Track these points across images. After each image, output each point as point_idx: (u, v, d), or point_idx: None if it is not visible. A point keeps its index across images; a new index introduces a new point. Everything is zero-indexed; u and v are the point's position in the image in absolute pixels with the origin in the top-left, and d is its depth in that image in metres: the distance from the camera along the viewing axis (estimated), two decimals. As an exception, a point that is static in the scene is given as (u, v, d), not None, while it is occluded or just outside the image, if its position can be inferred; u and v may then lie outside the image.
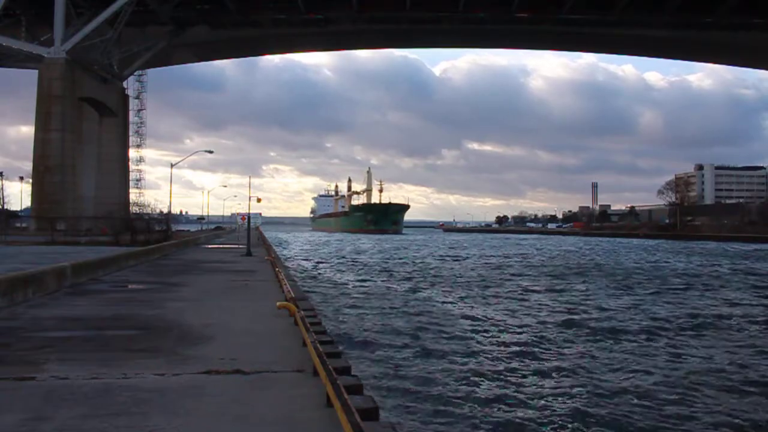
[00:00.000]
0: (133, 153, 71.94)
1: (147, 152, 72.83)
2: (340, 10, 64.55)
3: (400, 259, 56.86)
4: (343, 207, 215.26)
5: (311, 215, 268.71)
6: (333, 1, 64.00)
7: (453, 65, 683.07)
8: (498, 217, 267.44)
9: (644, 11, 63.74)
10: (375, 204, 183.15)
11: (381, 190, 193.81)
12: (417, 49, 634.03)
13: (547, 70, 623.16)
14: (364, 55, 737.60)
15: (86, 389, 6.19)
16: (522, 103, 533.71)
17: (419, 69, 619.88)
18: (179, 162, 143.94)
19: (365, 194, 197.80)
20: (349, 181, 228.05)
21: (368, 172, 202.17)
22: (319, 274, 39.31)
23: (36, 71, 57.11)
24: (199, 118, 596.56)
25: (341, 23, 67.24)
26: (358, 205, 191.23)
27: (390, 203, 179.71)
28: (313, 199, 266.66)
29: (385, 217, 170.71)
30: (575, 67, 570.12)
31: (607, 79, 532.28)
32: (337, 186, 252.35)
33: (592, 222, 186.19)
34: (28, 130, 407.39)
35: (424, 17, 66.67)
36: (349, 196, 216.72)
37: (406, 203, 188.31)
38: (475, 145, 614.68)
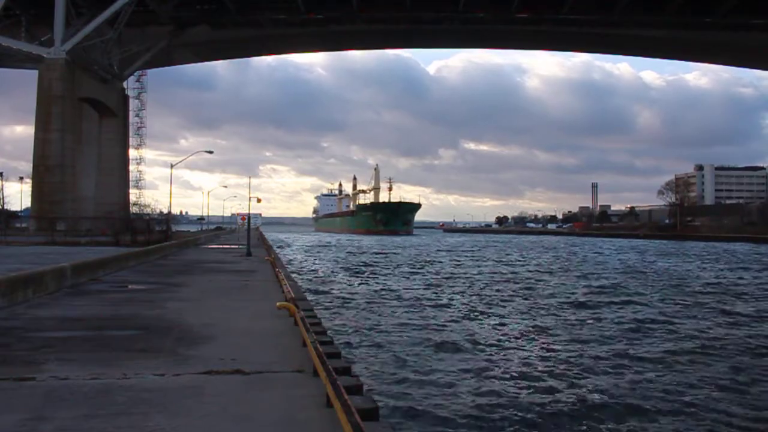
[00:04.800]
0: (132, 153, 72.09)
1: (143, 152, 72.75)
2: (340, 10, 64.59)
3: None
4: (347, 206, 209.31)
5: (314, 215, 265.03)
6: (333, 1, 64.06)
7: (447, 64, 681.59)
8: (498, 218, 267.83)
9: (644, 11, 63.78)
10: (384, 203, 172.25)
11: (390, 189, 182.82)
12: (417, 49, 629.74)
13: (542, 68, 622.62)
14: (356, 54, 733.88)
15: (86, 389, 6.19)
16: (518, 101, 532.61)
17: (413, 67, 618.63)
18: (179, 162, 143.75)
19: (373, 193, 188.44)
20: (354, 179, 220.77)
21: (376, 169, 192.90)
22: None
23: (34, 71, 57.24)
24: (194, 118, 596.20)
25: (341, 23, 67.29)
26: (366, 204, 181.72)
27: (401, 202, 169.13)
28: (316, 198, 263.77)
29: (396, 217, 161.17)
30: (571, 66, 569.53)
31: (603, 78, 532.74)
32: (341, 185, 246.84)
33: (593, 222, 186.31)
34: (22, 130, 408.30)
35: (424, 17, 66.74)
36: (355, 195, 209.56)
37: (417, 202, 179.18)
38: (471, 145, 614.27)
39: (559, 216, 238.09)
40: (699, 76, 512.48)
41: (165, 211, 73.54)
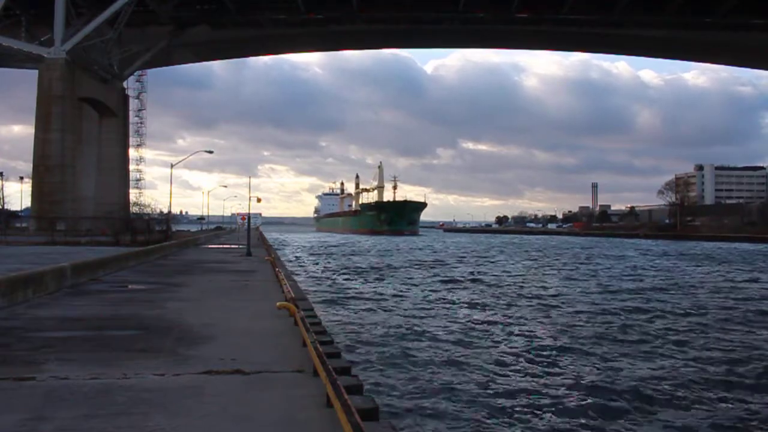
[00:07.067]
0: (132, 153, 72.09)
1: (143, 152, 72.81)
2: (340, 10, 64.62)
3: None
4: (349, 206, 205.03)
5: (315, 215, 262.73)
6: (333, 1, 64.09)
7: (444, 63, 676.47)
8: (498, 218, 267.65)
9: (644, 11, 63.82)
10: (390, 202, 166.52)
11: (395, 187, 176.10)
12: (416, 49, 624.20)
13: (539, 67, 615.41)
14: (353, 52, 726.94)
15: (86, 389, 6.19)
16: (516, 101, 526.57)
17: (410, 66, 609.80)
18: (179, 162, 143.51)
19: (376, 192, 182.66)
20: (357, 178, 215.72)
21: (380, 167, 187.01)
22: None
23: (34, 71, 57.26)
24: (191, 117, 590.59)
25: (341, 23, 67.33)
26: (370, 204, 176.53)
27: (406, 201, 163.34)
28: (317, 197, 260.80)
29: (401, 217, 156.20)
30: (568, 65, 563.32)
31: (601, 77, 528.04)
32: (342, 184, 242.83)
33: (593, 222, 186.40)
34: (20, 130, 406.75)
35: (424, 17, 66.79)
36: (357, 194, 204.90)
37: (422, 201, 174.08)
38: (470, 145, 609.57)
39: (559, 216, 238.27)
40: (697, 75, 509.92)
41: (165, 210, 73.54)
